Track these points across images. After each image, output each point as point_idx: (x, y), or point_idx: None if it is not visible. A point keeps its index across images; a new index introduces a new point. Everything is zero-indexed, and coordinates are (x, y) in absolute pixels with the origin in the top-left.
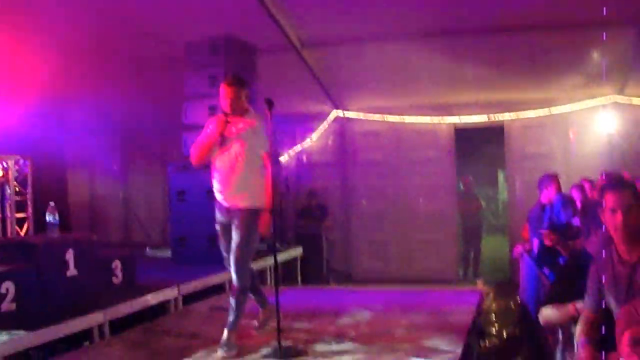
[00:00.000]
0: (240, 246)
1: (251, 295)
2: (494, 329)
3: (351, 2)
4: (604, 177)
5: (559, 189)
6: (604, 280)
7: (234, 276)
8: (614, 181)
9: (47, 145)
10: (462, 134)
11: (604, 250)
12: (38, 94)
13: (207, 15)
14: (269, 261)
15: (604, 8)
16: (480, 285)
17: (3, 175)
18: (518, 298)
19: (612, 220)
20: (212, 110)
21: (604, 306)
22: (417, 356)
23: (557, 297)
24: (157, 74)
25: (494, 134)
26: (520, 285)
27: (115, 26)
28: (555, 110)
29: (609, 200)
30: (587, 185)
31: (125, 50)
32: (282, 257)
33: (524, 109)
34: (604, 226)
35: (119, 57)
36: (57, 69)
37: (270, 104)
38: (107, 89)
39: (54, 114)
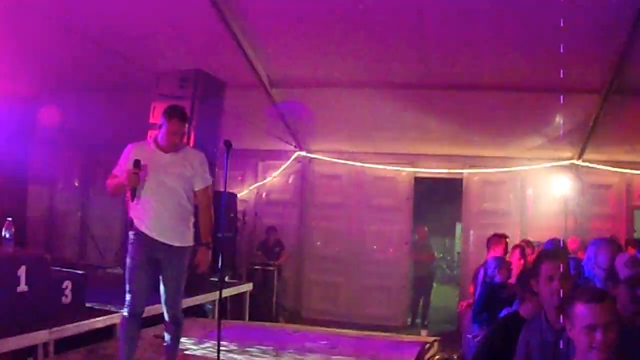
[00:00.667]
0: (181, 283)
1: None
2: None
3: (323, 47)
4: (545, 243)
5: (504, 250)
6: (532, 346)
7: (178, 311)
8: (551, 251)
9: (9, 157)
10: (422, 184)
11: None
12: (3, 103)
13: (179, 47)
14: (214, 295)
15: (561, 71)
16: (424, 336)
17: None
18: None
19: (547, 287)
20: None
21: None
22: None
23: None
24: (126, 97)
25: (453, 187)
26: (462, 339)
27: (88, 45)
28: (514, 168)
29: (545, 268)
30: (528, 249)
31: (97, 70)
32: (231, 291)
33: (484, 165)
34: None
35: (90, 76)
36: (26, 80)
37: (229, 145)
38: (74, 105)
39: (18, 125)
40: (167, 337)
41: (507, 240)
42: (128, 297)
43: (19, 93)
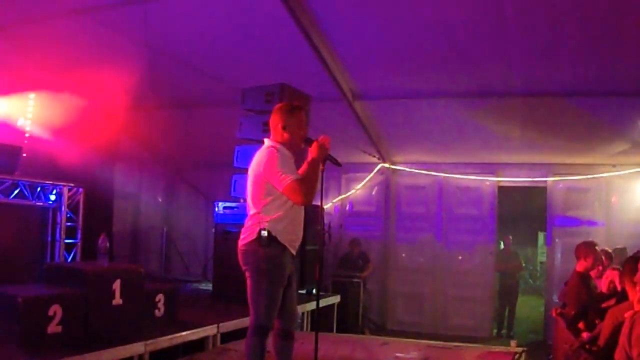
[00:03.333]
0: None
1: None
2: None
3: (404, 60)
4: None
5: (596, 259)
6: None
7: (295, 324)
8: None
9: (98, 173)
10: (505, 193)
11: None
12: (95, 125)
13: (264, 63)
14: (307, 307)
15: None
16: (513, 346)
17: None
18: None
19: None
20: None
21: None
22: None
23: None
24: (209, 114)
25: (537, 195)
26: (552, 347)
27: (172, 64)
28: (599, 175)
29: None
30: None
31: (181, 87)
32: (320, 303)
33: (567, 172)
34: None
35: (174, 93)
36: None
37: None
38: (158, 122)
39: (107, 145)
40: (281, 352)
41: (597, 247)
42: (268, 314)
43: (108, 111)
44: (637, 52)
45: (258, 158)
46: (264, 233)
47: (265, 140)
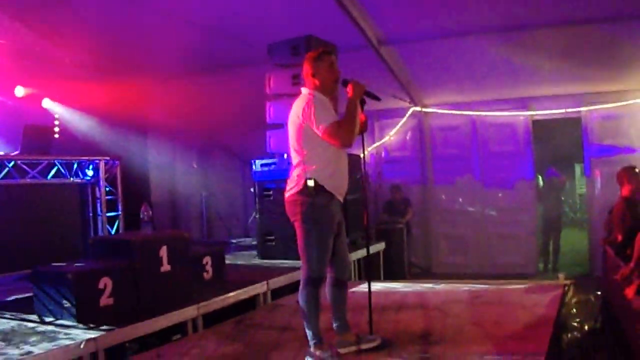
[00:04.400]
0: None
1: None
2: (575, 323)
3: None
4: None
5: (639, 182)
6: None
7: (348, 272)
8: None
9: (132, 146)
10: (540, 127)
11: None
12: (123, 96)
13: (288, 16)
14: (353, 256)
15: None
16: (562, 279)
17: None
18: (598, 292)
19: None
20: None
21: None
22: (505, 350)
23: None
24: (236, 75)
25: (572, 127)
26: (602, 278)
27: (197, 30)
28: (634, 101)
29: None
30: None
31: (206, 52)
32: (364, 252)
33: (601, 101)
34: None
35: (201, 59)
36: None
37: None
38: (186, 89)
39: (137, 114)
40: (335, 301)
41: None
42: (321, 264)
43: (135, 80)
44: None
45: (295, 107)
46: (310, 182)
47: (302, 89)
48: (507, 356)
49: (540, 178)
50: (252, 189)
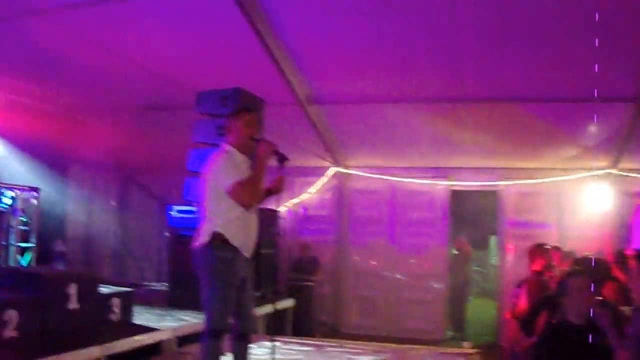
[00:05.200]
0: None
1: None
2: None
3: (358, 64)
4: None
5: (547, 260)
6: None
7: (252, 326)
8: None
9: (52, 177)
10: (457, 197)
11: None
12: (48, 128)
13: (219, 67)
14: (263, 310)
15: (596, 89)
16: (467, 347)
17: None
18: None
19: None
20: None
21: None
22: None
23: None
24: (164, 118)
25: (488, 199)
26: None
27: (128, 67)
28: (550, 179)
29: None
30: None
31: (136, 91)
32: (275, 307)
33: (519, 176)
34: None
35: (129, 97)
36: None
37: (283, 159)
38: (112, 125)
39: (60, 147)
40: (238, 355)
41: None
42: (222, 317)
43: (61, 113)
44: (586, 58)
45: (209, 160)
46: (215, 235)
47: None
48: None
49: (454, 247)
50: (167, 234)
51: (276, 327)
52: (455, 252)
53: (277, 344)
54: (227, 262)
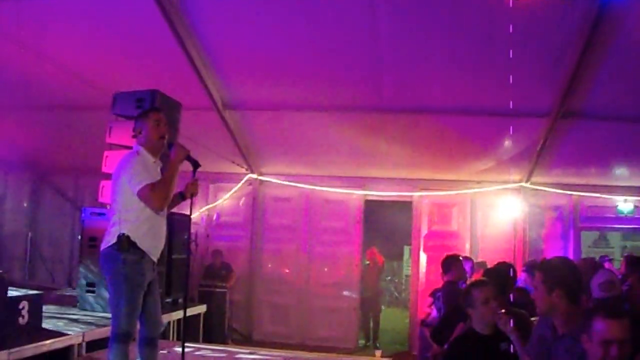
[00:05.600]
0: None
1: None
2: None
3: (276, 71)
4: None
5: (461, 271)
6: None
7: (159, 331)
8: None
9: None
10: (372, 207)
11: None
12: None
13: (138, 68)
14: (174, 316)
15: (511, 102)
16: (378, 356)
17: None
18: None
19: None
20: None
21: None
22: None
23: None
24: (78, 118)
25: (403, 210)
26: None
27: (42, 64)
28: (464, 191)
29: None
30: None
31: (50, 89)
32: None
33: (434, 188)
34: None
35: (42, 94)
36: None
37: (196, 165)
38: (24, 124)
39: None
40: (147, 353)
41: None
42: (129, 320)
43: None
44: (502, 71)
45: (120, 161)
46: (123, 238)
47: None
48: None
49: (366, 258)
50: (79, 236)
51: (187, 334)
52: (367, 262)
53: (189, 350)
54: (135, 265)
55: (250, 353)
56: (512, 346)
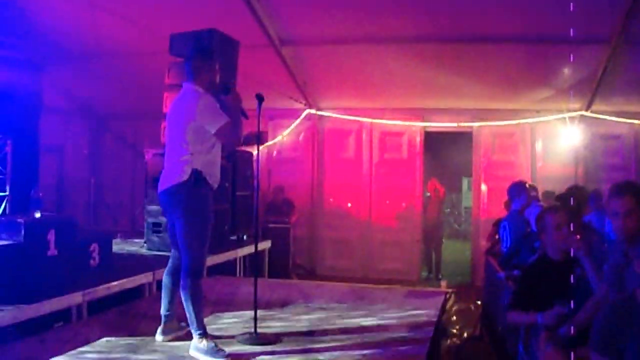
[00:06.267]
0: None
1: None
2: (455, 330)
3: (332, 4)
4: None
5: (529, 197)
6: None
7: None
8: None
9: (24, 126)
10: (432, 138)
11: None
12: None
13: (193, 9)
14: (240, 252)
15: (572, 29)
16: (444, 286)
17: None
18: (478, 302)
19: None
20: None
21: None
22: (386, 350)
23: (520, 303)
24: (136, 63)
25: (462, 141)
26: (484, 288)
27: (97, 11)
28: (523, 120)
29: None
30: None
31: (106, 36)
32: (251, 249)
33: (493, 118)
34: None
35: (99, 42)
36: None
37: (261, 99)
38: (83, 72)
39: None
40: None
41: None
42: (202, 255)
43: (26, 61)
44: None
45: (186, 102)
46: (196, 174)
47: (185, 84)
48: (388, 356)
49: (427, 190)
50: (144, 177)
51: (253, 269)
52: (428, 194)
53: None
54: (207, 201)
55: (317, 287)
56: (584, 273)
